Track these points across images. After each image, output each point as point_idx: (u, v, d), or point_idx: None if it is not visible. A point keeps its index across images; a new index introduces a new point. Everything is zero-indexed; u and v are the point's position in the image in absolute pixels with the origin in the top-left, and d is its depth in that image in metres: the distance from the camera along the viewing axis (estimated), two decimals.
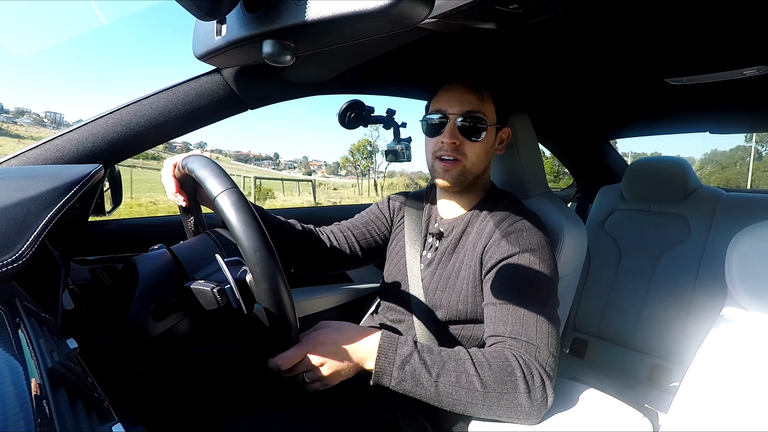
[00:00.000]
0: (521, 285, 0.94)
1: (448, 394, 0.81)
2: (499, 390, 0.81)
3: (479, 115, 1.04)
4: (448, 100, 1.06)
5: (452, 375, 0.82)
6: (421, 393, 0.81)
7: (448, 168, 1.07)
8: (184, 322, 0.81)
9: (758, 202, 1.68)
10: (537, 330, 0.87)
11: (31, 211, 0.62)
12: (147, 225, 1.58)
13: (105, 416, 0.46)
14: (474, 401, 0.81)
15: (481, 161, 1.09)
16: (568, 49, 1.22)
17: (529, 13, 0.85)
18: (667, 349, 1.72)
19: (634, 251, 1.89)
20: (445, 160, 1.07)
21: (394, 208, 1.30)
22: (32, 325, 0.49)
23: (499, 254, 0.98)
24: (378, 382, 0.82)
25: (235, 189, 0.71)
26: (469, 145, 1.05)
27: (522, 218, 1.03)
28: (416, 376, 0.81)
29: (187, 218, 0.98)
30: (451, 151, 1.05)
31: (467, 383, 0.81)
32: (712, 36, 1.07)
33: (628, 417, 0.86)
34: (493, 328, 0.92)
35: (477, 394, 0.80)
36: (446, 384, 0.81)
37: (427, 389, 0.81)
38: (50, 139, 1.04)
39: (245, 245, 0.68)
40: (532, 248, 0.97)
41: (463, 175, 1.07)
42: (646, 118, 2.09)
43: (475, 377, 0.81)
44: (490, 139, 1.09)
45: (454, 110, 1.05)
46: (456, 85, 1.07)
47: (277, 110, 69.33)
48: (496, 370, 0.82)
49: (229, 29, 0.77)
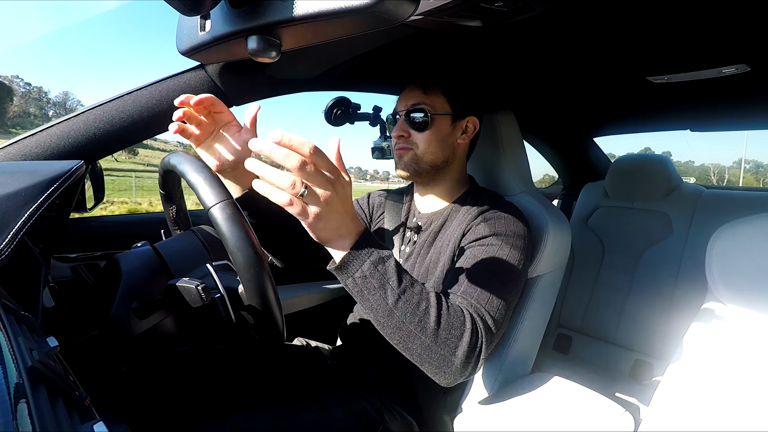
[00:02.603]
0: (486, 262, 0.93)
1: (402, 314, 0.75)
2: (446, 333, 0.77)
3: (423, 107, 1.09)
4: (401, 101, 1.14)
5: (415, 297, 0.76)
6: (377, 300, 0.75)
7: (400, 155, 1.12)
8: (167, 320, 0.80)
9: (737, 199, 1.71)
10: (489, 300, 0.86)
11: (10, 207, 0.61)
12: (130, 222, 1.56)
13: (86, 415, 0.45)
14: (420, 333, 0.76)
15: (435, 149, 1.11)
16: (552, 47, 1.23)
17: (514, 11, 0.85)
18: (649, 344, 1.74)
19: (617, 248, 1.92)
20: (398, 148, 1.13)
21: (374, 204, 1.31)
22: (11, 322, 0.48)
23: (473, 236, 0.99)
24: (344, 266, 0.73)
25: (230, 201, 0.71)
26: (416, 135, 1.11)
27: (503, 209, 1.05)
28: (384, 280, 0.74)
29: (170, 207, 0.98)
30: (402, 143, 1.11)
31: (424, 313, 0.76)
32: (693, 35, 1.09)
33: (611, 412, 0.87)
34: (453, 286, 0.90)
35: (427, 328, 0.76)
36: (406, 302, 0.75)
37: (386, 298, 0.74)
38: (30, 134, 1.02)
39: (239, 260, 0.68)
40: (506, 234, 0.98)
41: (415, 162, 1.11)
42: (629, 115, 2.11)
43: (433, 309, 0.77)
44: (443, 128, 1.11)
45: (402, 107, 1.13)
46: (409, 86, 1.14)
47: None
48: (452, 315, 0.79)
49: (213, 25, 0.76)
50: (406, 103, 1.11)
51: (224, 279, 0.79)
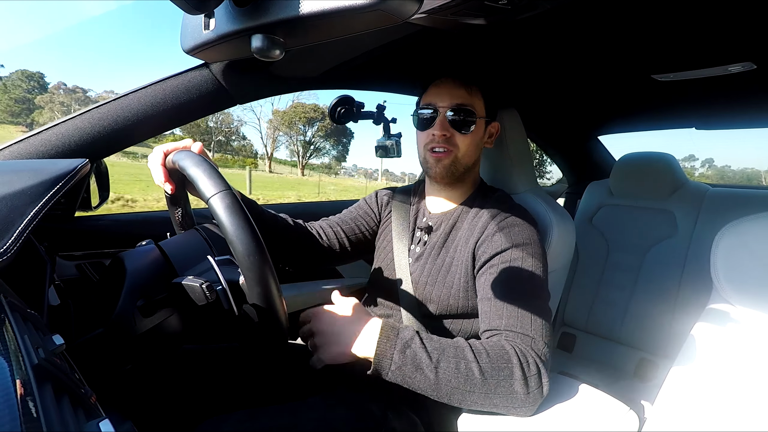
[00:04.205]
0: (514, 279, 0.95)
1: (447, 381, 0.80)
2: (496, 377, 0.81)
3: (469, 108, 1.06)
4: (439, 94, 1.08)
5: (452, 361, 0.81)
6: (420, 380, 0.81)
7: (440, 158, 1.09)
8: (172, 318, 0.80)
9: (743, 197, 1.70)
10: (532, 322, 0.88)
11: (16, 206, 0.61)
12: (134, 220, 1.57)
13: (92, 413, 0.46)
14: (472, 389, 0.80)
15: (471, 153, 1.11)
16: (556, 46, 1.22)
17: (518, 9, 0.85)
18: (654, 343, 1.74)
19: (621, 246, 1.91)
20: (436, 151, 1.09)
21: (382, 203, 1.30)
22: (17, 320, 0.48)
23: (492, 249, 0.99)
24: (378, 365, 0.81)
25: (229, 191, 0.71)
26: (459, 137, 1.08)
27: (513, 214, 1.05)
28: (417, 361, 0.81)
29: (175, 210, 0.98)
30: (442, 143, 1.07)
31: (466, 370, 0.80)
32: (699, 33, 1.08)
33: (615, 410, 0.87)
34: (489, 322, 0.92)
35: (475, 382, 0.80)
36: (446, 370, 0.80)
37: (427, 376, 0.80)
38: (35, 132, 1.03)
39: (239, 250, 0.68)
40: (524, 243, 0.99)
41: (454, 166, 1.09)
42: (634, 114, 2.11)
43: (473, 363, 0.81)
44: (480, 132, 1.11)
45: (444, 104, 1.07)
46: (446, 80, 1.09)
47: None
48: (493, 357, 0.82)
49: (217, 23, 0.76)
50: (451, 102, 1.07)
51: (226, 272, 0.79)
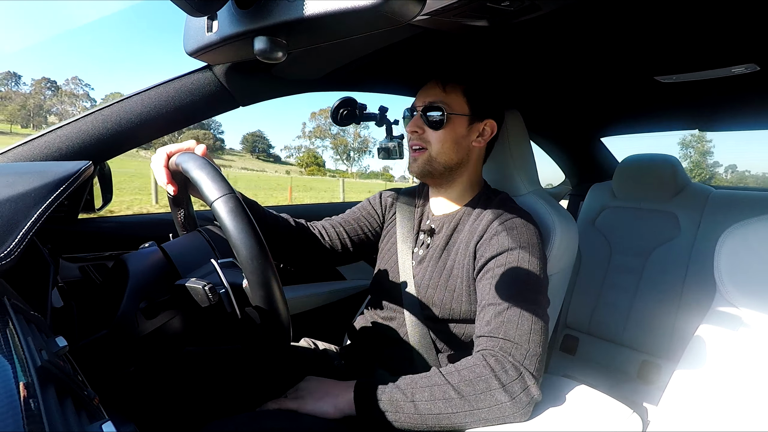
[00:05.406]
0: (509, 282, 0.95)
1: (428, 411, 0.82)
2: (473, 392, 0.82)
3: (439, 105, 1.08)
4: (420, 95, 1.14)
5: (425, 390, 0.84)
6: (404, 419, 0.83)
7: (415, 157, 1.13)
8: (175, 320, 0.81)
9: (747, 199, 1.69)
10: (517, 327, 0.88)
11: (19, 208, 0.61)
12: (137, 222, 1.57)
13: (95, 415, 0.46)
14: (455, 410, 0.81)
15: (448, 150, 1.11)
16: (559, 47, 1.22)
17: (520, 11, 0.85)
18: (657, 345, 1.73)
19: (624, 248, 1.90)
20: (414, 150, 1.13)
21: (386, 204, 1.30)
22: (20, 323, 0.48)
23: (491, 251, 0.99)
24: (364, 413, 0.86)
25: (233, 195, 0.71)
26: (431, 133, 1.10)
27: (514, 216, 1.04)
28: (393, 402, 0.84)
29: (178, 211, 0.98)
30: (416, 140, 1.11)
31: (441, 393, 0.83)
32: (702, 34, 1.08)
33: (618, 413, 0.86)
34: (480, 327, 0.93)
35: (454, 402, 0.81)
36: (422, 401, 0.83)
37: (407, 412, 0.83)
38: (39, 135, 1.03)
39: (243, 253, 0.68)
40: (522, 245, 0.98)
41: (429, 164, 1.11)
42: (637, 115, 2.10)
43: (446, 386, 0.83)
44: (457, 129, 1.11)
45: (418, 103, 1.12)
46: (430, 82, 1.14)
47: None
48: (464, 374, 0.84)
49: (220, 25, 0.76)
50: (424, 100, 1.11)
51: (229, 275, 0.79)
